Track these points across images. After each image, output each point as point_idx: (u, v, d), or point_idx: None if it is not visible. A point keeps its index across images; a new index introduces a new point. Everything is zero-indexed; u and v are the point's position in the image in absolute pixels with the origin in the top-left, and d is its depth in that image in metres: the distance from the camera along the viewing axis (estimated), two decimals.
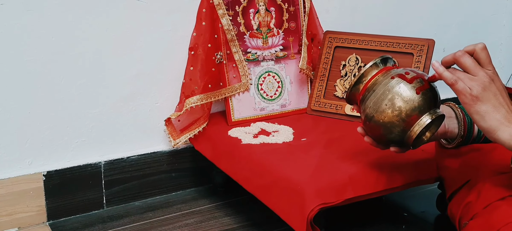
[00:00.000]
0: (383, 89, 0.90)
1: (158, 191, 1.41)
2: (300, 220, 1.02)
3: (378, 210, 1.35)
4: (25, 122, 1.23)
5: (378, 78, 0.92)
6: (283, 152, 1.18)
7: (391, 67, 0.94)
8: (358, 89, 0.95)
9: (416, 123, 0.90)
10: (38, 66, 1.22)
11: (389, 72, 0.92)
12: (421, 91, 0.89)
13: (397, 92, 0.89)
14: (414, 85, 0.89)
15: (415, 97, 0.88)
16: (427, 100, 0.89)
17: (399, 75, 0.90)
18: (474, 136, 1.00)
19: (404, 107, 0.89)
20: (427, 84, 0.90)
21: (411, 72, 0.92)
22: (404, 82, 0.89)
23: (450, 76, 0.83)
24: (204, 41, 1.32)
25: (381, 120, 0.90)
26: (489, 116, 0.82)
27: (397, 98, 0.89)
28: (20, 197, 1.24)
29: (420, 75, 0.91)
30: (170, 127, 1.37)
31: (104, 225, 1.28)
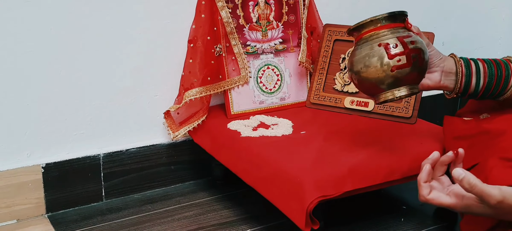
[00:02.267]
0: (365, 53, 0.97)
1: (157, 184, 1.41)
2: (299, 212, 1.02)
3: (377, 203, 1.35)
4: (24, 114, 1.23)
5: (368, 38, 0.99)
6: (282, 144, 1.18)
7: (393, 25, 0.98)
8: (354, 35, 1.02)
9: (381, 95, 0.99)
10: (37, 58, 1.21)
11: (380, 37, 0.97)
12: (397, 69, 0.95)
13: (373, 63, 0.96)
14: (392, 62, 0.95)
15: (387, 74, 0.95)
16: (397, 79, 0.96)
17: (385, 45, 0.96)
18: (470, 92, 1.04)
19: (375, 80, 0.97)
20: (408, 64, 0.95)
21: (406, 44, 0.96)
22: (385, 56, 0.95)
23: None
24: (203, 33, 1.32)
25: (355, 78, 1.00)
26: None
27: (371, 69, 0.97)
28: (18, 189, 1.24)
29: (410, 51, 0.96)
30: (169, 119, 1.37)
31: (103, 217, 1.28)
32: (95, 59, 1.28)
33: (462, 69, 1.03)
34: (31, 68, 1.21)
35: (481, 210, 0.85)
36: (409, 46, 0.96)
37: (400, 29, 0.99)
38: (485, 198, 0.82)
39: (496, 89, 1.04)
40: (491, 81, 1.03)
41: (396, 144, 1.18)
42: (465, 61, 1.05)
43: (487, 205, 0.83)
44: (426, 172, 0.88)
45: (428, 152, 1.15)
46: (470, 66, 1.04)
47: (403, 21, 1.00)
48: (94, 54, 1.27)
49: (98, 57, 1.28)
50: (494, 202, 0.82)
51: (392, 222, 1.26)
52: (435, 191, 0.89)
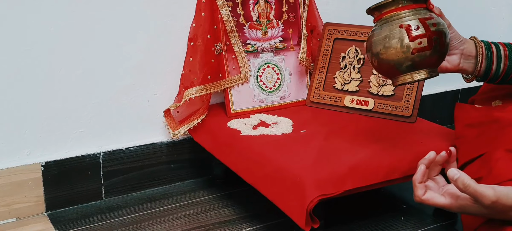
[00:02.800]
0: (385, 34, 0.94)
1: (157, 182, 1.41)
2: (300, 211, 1.02)
3: (377, 202, 1.36)
4: (24, 112, 1.23)
5: (388, 19, 0.95)
6: (283, 143, 1.18)
7: (415, 6, 0.95)
8: (374, 15, 0.99)
9: (400, 77, 0.96)
10: (37, 56, 1.21)
11: (401, 18, 0.94)
12: (417, 51, 0.92)
13: (393, 44, 0.93)
14: (412, 44, 0.92)
15: (407, 56, 0.93)
16: (416, 62, 0.93)
17: (407, 26, 0.92)
18: (491, 76, 1.01)
19: (394, 62, 0.94)
20: (429, 46, 0.92)
21: (428, 26, 0.92)
22: (406, 38, 0.92)
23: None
24: (203, 32, 1.32)
25: (374, 59, 0.97)
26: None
27: (391, 50, 0.93)
28: (18, 188, 1.24)
29: (431, 34, 0.92)
30: (169, 118, 1.37)
31: (103, 216, 1.28)
32: (95, 57, 1.28)
33: (483, 52, 1.00)
34: (30, 67, 1.21)
35: (475, 210, 0.85)
36: (431, 28, 0.93)
37: (422, 10, 0.95)
38: (479, 198, 0.82)
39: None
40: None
41: (396, 143, 1.18)
42: (486, 44, 1.02)
43: (481, 205, 0.83)
44: (421, 172, 0.88)
45: (428, 151, 1.15)
46: (491, 49, 1.01)
47: (425, 1, 0.97)
48: (94, 53, 1.27)
49: (98, 55, 1.28)
50: (488, 202, 0.82)
51: (392, 221, 1.26)
52: (430, 192, 0.89)
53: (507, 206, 0.82)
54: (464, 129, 1.09)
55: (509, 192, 0.83)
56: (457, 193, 0.86)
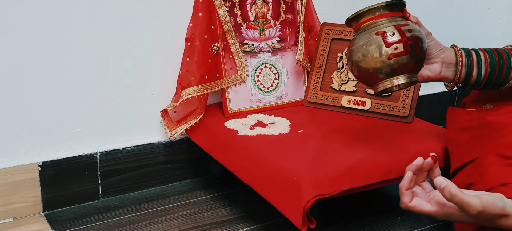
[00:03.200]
0: (363, 42, 0.97)
1: (154, 182, 1.41)
2: (296, 211, 1.02)
3: (373, 202, 1.36)
4: (21, 112, 1.23)
5: (366, 27, 0.98)
6: (280, 143, 1.18)
7: (391, 14, 0.98)
8: (352, 25, 1.02)
9: (380, 84, 0.98)
10: (34, 57, 1.21)
11: (378, 26, 0.97)
12: (394, 57, 0.94)
13: (370, 51, 0.95)
14: (389, 50, 0.94)
15: (385, 62, 0.95)
16: (394, 68, 0.95)
17: (382, 33, 0.95)
18: (472, 83, 1.03)
19: (373, 69, 0.96)
20: (406, 51, 0.94)
21: (403, 32, 0.95)
22: (382, 44, 0.95)
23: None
24: (200, 32, 1.32)
25: (354, 68, 0.99)
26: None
27: (369, 57, 0.96)
28: (15, 188, 1.24)
29: (407, 39, 0.95)
30: (167, 118, 1.37)
31: (100, 216, 1.28)
32: (92, 57, 1.28)
33: (463, 60, 1.02)
34: (28, 67, 1.21)
35: (462, 218, 0.85)
36: (406, 34, 0.95)
37: (398, 18, 0.98)
38: (466, 208, 0.82)
39: (498, 79, 1.03)
40: (493, 71, 1.02)
41: (393, 143, 1.18)
42: (466, 51, 1.03)
43: (467, 215, 0.83)
44: (408, 179, 0.88)
45: (425, 151, 1.15)
46: (471, 56, 1.02)
47: (401, 10, 1.00)
48: (91, 53, 1.27)
49: (95, 55, 1.28)
50: (474, 212, 0.81)
51: (389, 221, 1.26)
52: (416, 199, 0.88)
53: (494, 214, 0.83)
54: (456, 133, 1.09)
55: (495, 201, 0.82)
56: (443, 201, 0.86)
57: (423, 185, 0.92)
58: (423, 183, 0.92)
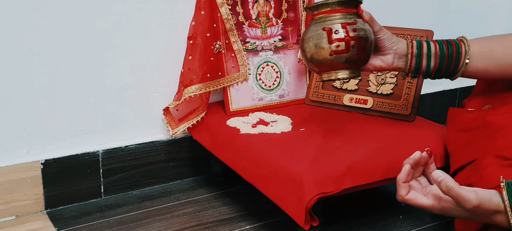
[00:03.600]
0: (312, 33, 1.05)
1: (156, 180, 1.41)
2: (299, 209, 1.02)
3: (375, 200, 1.36)
4: (23, 110, 1.23)
5: (317, 20, 1.05)
6: (282, 141, 1.18)
7: (343, 10, 1.04)
8: (309, 14, 1.10)
9: (324, 74, 1.07)
10: (36, 54, 1.21)
11: (327, 21, 1.04)
12: (335, 54, 1.02)
13: (316, 44, 1.04)
14: (331, 47, 1.02)
15: (326, 57, 1.03)
16: (334, 63, 1.04)
17: (328, 29, 1.03)
18: (422, 72, 1.09)
19: (317, 60, 1.05)
20: (346, 50, 1.02)
21: (348, 31, 1.02)
22: (326, 40, 1.03)
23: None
24: (203, 30, 1.32)
25: (303, 55, 1.08)
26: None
27: (314, 49, 1.04)
28: (17, 185, 1.24)
29: (350, 38, 1.02)
30: (169, 116, 1.37)
31: (102, 214, 1.28)
32: (94, 55, 1.28)
33: (413, 51, 1.08)
34: (30, 65, 1.21)
35: (457, 213, 0.86)
36: (350, 33, 1.02)
37: (349, 15, 1.04)
38: (462, 202, 0.83)
39: (448, 69, 1.08)
40: (442, 61, 1.07)
41: (395, 142, 1.18)
42: (418, 43, 1.09)
43: (463, 209, 0.84)
44: (405, 172, 0.89)
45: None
46: (421, 48, 1.08)
47: (355, 6, 1.05)
48: (93, 51, 1.27)
49: (97, 53, 1.28)
50: (470, 206, 0.83)
51: (390, 219, 1.26)
52: (413, 192, 0.89)
53: (489, 210, 0.83)
54: (455, 134, 1.10)
55: (491, 197, 0.83)
56: (440, 195, 0.87)
57: (419, 180, 0.93)
58: (419, 178, 0.93)
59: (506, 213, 0.83)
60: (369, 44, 1.05)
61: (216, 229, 1.22)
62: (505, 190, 0.83)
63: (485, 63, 1.08)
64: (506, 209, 0.83)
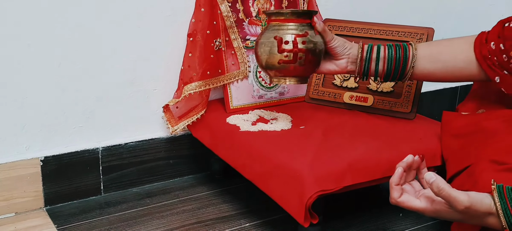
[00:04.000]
0: (265, 40, 1.12)
1: (155, 178, 1.41)
2: (299, 206, 1.02)
3: (375, 198, 1.36)
4: (22, 107, 1.23)
5: (271, 27, 1.12)
6: (282, 139, 1.18)
7: (297, 21, 1.10)
8: (267, 18, 1.15)
9: (273, 78, 1.15)
10: (36, 51, 1.21)
11: (280, 30, 1.10)
12: (283, 63, 1.10)
13: (268, 51, 1.11)
14: (279, 56, 1.10)
15: (275, 64, 1.11)
16: (282, 71, 1.12)
17: (279, 39, 1.09)
18: (371, 74, 1.15)
19: (266, 64, 1.13)
20: (294, 60, 1.09)
21: (297, 43, 1.09)
22: (275, 49, 1.10)
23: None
24: (202, 27, 1.32)
25: (256, 57, 1.15)
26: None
27: (265, 55, 1.12)
28: (17, 182, 1.24)
29: (298, 50, 1.09)
30: (168, 113, 1.37)
31: (102, 211, 1.28)
32: (94, 52, 1.27)
33: (363, 55, 1.13)
34: (29, 61, 1.21)
35: (450, 215, 0.86)
36: (299, 45, 1.09)
37: (301, 26, 1.10)
38: (453, 203, 0.83)
39: (396, 72, 1.13)
40: (390, 65, 1.13)
41: (395, 140, 1.18)
42: (369, 47, 1.14)
43: (455, 210, 0.84)
44: (398, 174, 0.90)
45: (427, 147, 1.15)
46: (371, 52, 1.13)
47: (310, 18, 1.12)
48: (92, 48, 1.27)
49: (97, 50, 1.28)
50: (461, 207, 0.83)
51: (391, 217, 1.26)
52: (406, 194, 0.90)
53: (481, 212, 0.84)
54: (450, 140, 1.11)
55: (483, 199, 0.84)
56: (432, 197, 0.87)
57: (413, 184, 0.94)
58: (413, 182, 0.94)
59: (498, 215, 0.83)
60: (317, 56, 1.12)
61: (215, 227, 1.21)
62: (495, 192, 0.84)
63: (432, 66, 1.12)
64: (498, 211, 0.83)
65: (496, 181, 0.86)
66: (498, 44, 1.05)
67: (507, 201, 0.83)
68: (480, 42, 1.08)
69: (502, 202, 0.83)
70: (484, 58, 1.06)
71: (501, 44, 1.04)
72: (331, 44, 1.13)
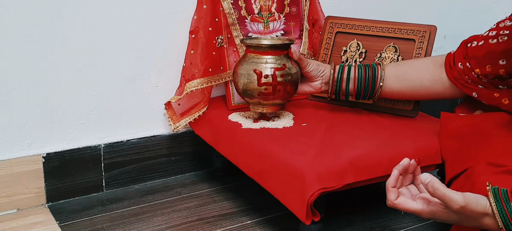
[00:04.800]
0: (245, 71, 1.18)
1: (157, 175, 1.41)
2: (300, 204, 1.02)
3: (377, 196, 1.36)
4: (25, 103, 1.23)
5: (251, 58, 1.19)
6: (284, 137, 1.18)
7: (275, 53, 1.17)
8: (245, 45, 1.22)
9: (251, 106, 1.23)
10: (38, 47, 1.21)
11: (259, 62, 1.17)
12: (262, 95, 1.17)
13: (247, 83, 1.18)
14: (259, 89, 1.17)
15: (254, 95, 1.18)
16: (261, 101, 1.19)
17: (259, 73, 1.16)
18: (343, 94, 1.22)
19: (246, 94, 1.20)
20: (273, 93, 1.17)
21: (276, 76, 1.16)
22: (255, 82, 1.16)
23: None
24: (205, 24, 1.32)
25: (235, 85, 1.22)
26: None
27: (245, 86, 1.18)
28: (19, 179, 1.24)
29: (277, 84, 1.16)
30: (170, 110, 1.37)
31: (103, 208, 1.28)
32: (96, 49, 1.27)
33: (334, 77, 1.20)
34: (32, 58, 1.21)
35: (445, 216, 0.87)
36: (278, 78, 1.16)
37: (279, 58, 1.17)
38: (448, 202, 0.83)
39: (366, 91, 1.20)
40: (360, 84, 1.20)
41: (397, 137, 1.17)
42: (340, 68, 1.21)
43: (450, 210, 0.85)
44: (394, 177, 0.91)
45: (429, 145, 1.15)
46: (342, 73, 1.20)
47: (286, 48, 1.19)
48: (95, 45, 1.27)
49: (99, 47, 1.28)
50: (456, 207, 0.83)
51: (392, 214, 1.26)
52: (402, 197, 0.91)
53: (476, 212, 0.84)
54: (448, 141, 1.12)
55: (478, 199, 0.84)
56: (428, 198, 0.88)
57: (409, 188, 0.94)
58: (410, 186, 0.94)
59: (494, 216, 0.83)
60: (295, 85, 1.20)
61: (217, 224, 1.21)
62: (491, 194, 0.84)
63: (399, 85, 1.19)
64: (494, 212, 0.83)
65: (493, 183, 0.86)
66: (464, 63, 1.11)
67: (502, 202, 0.83)
68: (449, 65, 1.14)
69: (498, 204, 0.83)
70: (456, 79, 1.12)
71: (467, 63, 1.10)
72: (306, 69, 1.20)
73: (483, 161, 0.98)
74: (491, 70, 1.07)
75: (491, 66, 1.07)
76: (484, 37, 1.09)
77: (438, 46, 1.65)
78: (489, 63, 1.07)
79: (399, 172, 0.91)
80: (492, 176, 0.92)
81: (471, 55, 1.10)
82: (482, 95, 1.10)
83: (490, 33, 1.08)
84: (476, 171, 0.97)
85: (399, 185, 0.92)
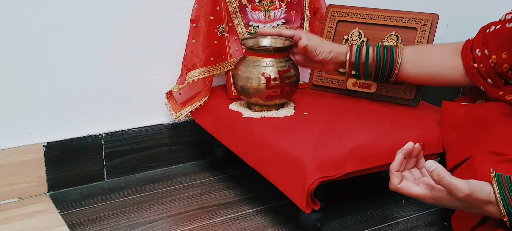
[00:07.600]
0: (249, 75, 1.19)
1: (158, 164, 1.41)
2: (300, 193, 1.02)
3: (378, 185, 1.36)
4: (26, 93, 1.23)
5: (254, 61, 1.20)
6: (284, 126, 1.18)
7: (278, 56, 1.19)
8: (246, 46, 1.23)
9: (257, 107, 1.24)
10: (38, 37, 1.21)
11: (263, 66, 1.19)
12: (270, 96, 1.20)
13: (254, 86, 1.19)
14: (268, 92, 1.18)
15: (261, 97, 1.20)
16: (268, 103, 1.21)
17: (267, 77, 1.18)
18: (363, 75, 1.22)
19: (252, 96, 1.21)
20: (280, 93, 1.20)
21: (284, 78, 1.18)
22: (264, 86, 1.18)
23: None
24: (206, 13, 1.31)
25: (238, 88, 1.23)
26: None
27: (251, 89, 1.20)
28: (20, 168, 1.24)
29: (285, 85, 1.19)
30: (172, 100, 1.37)
31: (104, 197, 1.28)
32: (97, 38, 1.27)
33: (351, 59, 1.20)
34: (32, 47, 1.21)
35: (449, 202, 0.86)
36: (286, 81, 1.19)
37: (283, 61, 1.20)
38: (453, 191, 0.83)
39: (384, 73, 1.19)
40: (379, 65, 1.19)
41: (398, 126, 1.17)
42: (358, 50, 1.20)
43: (455, 198, 0.85)
44: (398, 161, 0.90)
45: (430, 134, 1.15)
46: (360, 55, 1.19)
47: (288, 49, 1.21)
48: (96, 33, 1.27)
49: (100, 36, 1.27)
50: (461, 195, 0.83)
51: (393, 203, 1.26)
52: (405, 181, 0.90)
53: (480, 200, 0.84)
54: (449, 130, 1.12)
55: (483, 187, 0.84)
56: (432, 184, 0.88)
57: (412, 171, 0.94)
58: (413, 170, 0.94)
59: (497, 204, 0.83)
60: (296, 84, 1.23)
61: (218, 213, 1.22)
62: (494, 181, 0.84)
63: (415, 71, 1.18)
64: (497, 199, 0.83)
65: (492, 168, 0.86)
66: (483, 50, 1.08)
67: (505, 189, 0.83)
68: (465, 51, 1.12)
69: (501, 191, 0.84)
70: (470, 66, 1.10)
71: (485, 50, 1.08)
72: (317, 58, 1.20)
73: (485, 150, 0.98)
74: (508, 56, 1.04)
75: (508, 53, 1.04)
76: (502, 21, 1.07)
77: (440, 34, 1.64)
78: (506, 49, 1.04)
79: (403, 155, 0.90)
80: (494, 164, 0.92)
81: (489, 40, 1.07)
82: (488, 90, 1.09)
83: (507, 17, 1.06)
84: (478, 160, 0.97)
85: (402, 169, 0.91)
